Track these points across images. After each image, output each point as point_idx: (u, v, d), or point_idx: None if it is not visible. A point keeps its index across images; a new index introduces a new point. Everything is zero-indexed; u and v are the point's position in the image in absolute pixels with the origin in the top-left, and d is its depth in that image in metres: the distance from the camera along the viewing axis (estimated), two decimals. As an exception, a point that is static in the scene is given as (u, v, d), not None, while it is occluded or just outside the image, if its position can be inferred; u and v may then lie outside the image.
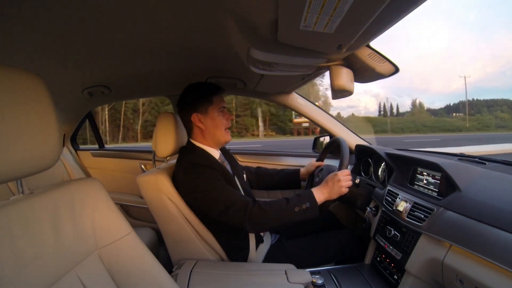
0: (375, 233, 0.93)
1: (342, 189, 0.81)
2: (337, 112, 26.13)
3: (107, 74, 1.05)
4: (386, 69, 0.75)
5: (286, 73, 0.86)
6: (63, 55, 0.78)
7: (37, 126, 0.44)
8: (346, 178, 0.83)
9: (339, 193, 0.81)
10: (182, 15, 0.58)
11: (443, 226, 0.66)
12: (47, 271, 0.45)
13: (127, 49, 0.78)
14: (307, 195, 0.81)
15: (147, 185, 0.86)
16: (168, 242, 0.91)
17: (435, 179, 0.80)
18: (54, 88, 1.12)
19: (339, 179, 0.81)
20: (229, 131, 0.95)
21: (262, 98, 1.42)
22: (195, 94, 0.91)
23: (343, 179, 0.82)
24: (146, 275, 0.57)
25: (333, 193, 0.81)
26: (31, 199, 0.47)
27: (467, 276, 0.57)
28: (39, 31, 0.61)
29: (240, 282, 0.73)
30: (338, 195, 0.82)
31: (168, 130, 0.94)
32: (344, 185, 0.82)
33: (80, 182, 0.57)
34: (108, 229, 0.56)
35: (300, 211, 0.78)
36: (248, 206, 0.77)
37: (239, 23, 0.58)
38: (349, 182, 0.83)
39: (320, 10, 0.43)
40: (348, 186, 0.83)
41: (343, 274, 0.88)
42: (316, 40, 0.57)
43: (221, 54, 0.86)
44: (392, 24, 0.52)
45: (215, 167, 0.85)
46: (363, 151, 1.21)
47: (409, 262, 0.74)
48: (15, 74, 0.43)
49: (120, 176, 1.75)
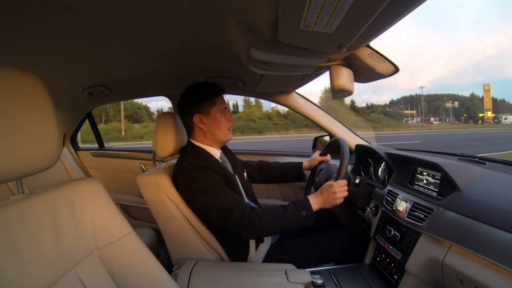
0: (375, 233, 0.93)
1: (336, 200, 0.82)
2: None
3: (107, 74, 1.05)
4: (386, 69, 0.75)
5: (286, 73, 0.86)
6: (63, 55, 0.78)
7: (37, 126, 0.44)
8: (342, 190, 0.83)
9: (333, 204, 0.82)
10: (182, 15, 0.58)
11: (443, 226, 0.66)
12: (47, 271, 0.45)
13: (127, 49, 0.78)
14: (304, 204, 0.81)
15: (147, 185, 0.86)
16: (168, 242, 0.91)
17: (435, 179, 0.80)
18: (54, 88, 1.12)
19: (334, 191, 0.82)
20: (230, 130, 0.95)
21: (262, 98, 1.42)
22: (197, 95, 0.90)
23: (338, 191, 0.82)
24: (146, 275, 0.57)
25: (327, 204, 0.82)
26: (31, 199, 0.47)
27: (467, 276, 0.57)
28: (39, 31, 0.61)
29: (240, 282, 0.73)
30: (332, 206, 0.83)
31: (168, 130, 0.94)
32: (339, 197, 0.82)
33: (80, 182, 0.57)
34: (108, 229, 0.55)
35: (296, 220, 0.79)
36: (245, 214, 0.78)
37: (239, 23, 0.58)
38: (344, 193, 0.84)
39: (320, 10, 0.43)
40: (343, 197, 0.84)
41: (343, 274, 0.88)
42: (316, 40, 0.57)
43: (221, 54, 0.86)
44: (392, 24, 0.52)
45: (215, 168, 0.85)
46: (363, 151, 1.21)
47: (409, 262, 0.74)
48: (15, 74, 0.43)
49: (120, 176, 1.75)
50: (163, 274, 0.59)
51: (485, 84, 38.60)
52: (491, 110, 33.96)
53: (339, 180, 0.85)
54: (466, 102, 41.49)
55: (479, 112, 38.39)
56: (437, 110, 40.05)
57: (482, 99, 36.88)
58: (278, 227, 0.80)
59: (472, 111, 39.76)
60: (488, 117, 34.35)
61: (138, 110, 19.56)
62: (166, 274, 0.60)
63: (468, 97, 42.99)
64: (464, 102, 41.46)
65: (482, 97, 37.42)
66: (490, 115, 33.92)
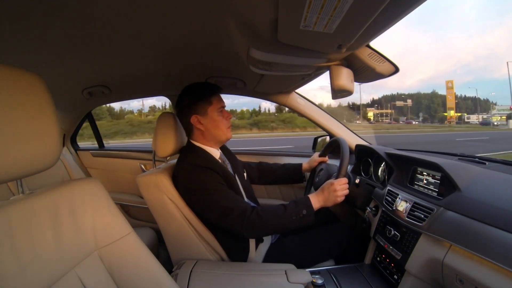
0: (375, 233, 0.93)
1: (338, 198, 0.82)
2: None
3: (107, 74, 1.05)
4: (386, 69, 0.75)
5: (286, 73, 0.86)
6: (63, 55, 0.78)
7: (37, 126, 0.44)
8: (342, 188, 0.83)
9: (334, 202, 0.82)
10: (182, 15, 0.58)
11: (443, 226, 0.66)
12: (47, 271, 0.45)
13: (127, 49, 0.78)
14: (304, 203, 0.81)
15: (147, 185, 0.86)
16: (168, 242, 0.91)
17: (435, 179, 0.80)
18: (54, 88, 1.12)
19: (335, 189, 0.82)
20: (229, 128, 0.95)
21: (262, 98, 1.42)
22: (193, 95, 0.90)
23: (339, 189, 0.82)
24: (146, 275, 0.57)
25: (328, 202, 0.82)
26: (31, 199, 0.47)
27: (467, 276, 0.57)
28: (40, 31, 0.61)
29: (240, 282, 0.73)
30: (333, 204, 0.83)
31: (168, 130, 0.94)
32: (340, 195, 0.82)
33: (80, 182, 0.57)
34: (108, 229, 0.55)
35: (297, 219, 0.79)
36: (246, 213, 0.78)
37: (239, 23, 0.58)
38: (345, 191, 0.84)
39: (320, 10, 0.43)
40: (343, 195, 0.83)
41: (343, 274, 0.88)
42: (316, 40, 0.57)
43: (221, 54, 0.86)
44: (392, 24, 0.52)
45: (215, 168, 0.85)
46: (363, 151, 1.21)
47: (409, 262, 0.74)
48: (15, 74, 0.43)
49: (120, 176, 1.76)
50: (163, 274, 0.59)
51: (447, 81, 32.83)
52: (454, 109, 31.24)
53: (340, 178, 0.85)
54: (425, 100, 39.00)
55: (441, 111, 35.67)
56: (402, 110, 39.09)
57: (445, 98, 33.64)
58: (279, 226, 0.80)
59: (432, 110, 37.36)
60: (451, 116, 31.49)
61: (99, 111, 19.38)
62: (166, 274, 0.60)
63: (428, 95, 40.73)
64: (421, 101, 39.02)
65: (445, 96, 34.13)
66: (454, 115, 31.14)
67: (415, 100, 40.42)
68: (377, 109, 39.96)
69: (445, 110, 33.97)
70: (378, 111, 39.79)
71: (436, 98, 39.78)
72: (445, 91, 32.53)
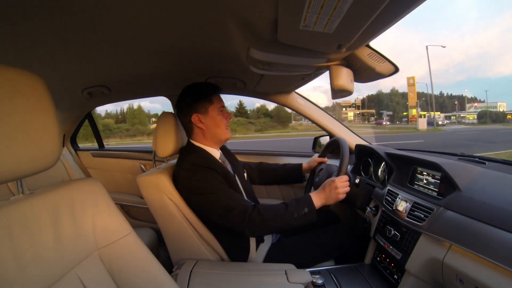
0: (375, 233, 0.93)
1: (339, 195, 0.82)
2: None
3: (107, 74, 1.05)
4: (386, 69, 0.75)
5: (286, 73, 0.86)
6: (63, 55, 0.78)
7: (37, 126, 0.44)
8: (344, 185, 0.83)
9: (335, 199, 0.82)
10: (182, 15, 0.58)
11: (443, 226, 0.66)
12: (47, 271, 0.45)
13: (127, 49, 0.78)
14: (306, 201, 0.81)
15: (147, 185, 0.86)
16: (168, 242, 0.91)
17: (435, 178, 0.80)
18: (54, 88, 1.12)
19: (336, 186, 0.82)
20: (229, 128, 0.95)
21: (262, 98, 1.42)
22: (194, 94, 0.90)
23: (340, 186, 0.82)
24: (146, 275, 0.57)
25: (330, 199, 0.82)
26: (31, 199, 0.47)
27: (467, 276, 0.57)
28: (40, 31, 0.61)
29: (240, 282, 0.73)
30: (335, 201, 0.82)
31: (168, 130, 0.94)
32: (341, 192, 0.82)
33: (80, 182, 0.57)
34: (108, 229, 0.55)
35: (298, 217, 0.78)
36: (248, 211, 0.77)
37: (239, 23, 0.58)
38: (346, 188, 0.84)
39: (320, 10, 0.43)
40: (345, 192, 0.83)
41: (343, 274, 0.88)
42: (316, 40, 0.57)
43: (221, 54, 0.86)
44: (392, 24, 0.52)
45: (216, 168, 0.85)
46: (363, 151, 1.21)
47: (409, 262, 0.74)
48: (15, 74, 0.43)
49: (120, 176, 1.76)
50: (163, 274, 0.59)
51: (409, 78, 26.89)
52: (415, 108, 27.05)
53: (340, 176, 0.85)
54: (385, 99, 36.52)
55: (402, 111, 32.50)
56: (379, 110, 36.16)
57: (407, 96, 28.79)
58: (280, 224, 0.80)
59: (391, 109, 34.32)
60: (412, 115, 27.26)
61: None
62: (166, 274, 0.60)
63: (387, 94, 37.98)
64: (382, 100, 36.30)
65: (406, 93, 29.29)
66: (415, 113, 26.75)
67: (375, 99, 38.33)
68: (357, 109, 39.30)
69: (406, 109, 30.39)
70: (358, 111, 39.06)
71: (396, 97, 36.84)
72: (406, 89, 28.28)
